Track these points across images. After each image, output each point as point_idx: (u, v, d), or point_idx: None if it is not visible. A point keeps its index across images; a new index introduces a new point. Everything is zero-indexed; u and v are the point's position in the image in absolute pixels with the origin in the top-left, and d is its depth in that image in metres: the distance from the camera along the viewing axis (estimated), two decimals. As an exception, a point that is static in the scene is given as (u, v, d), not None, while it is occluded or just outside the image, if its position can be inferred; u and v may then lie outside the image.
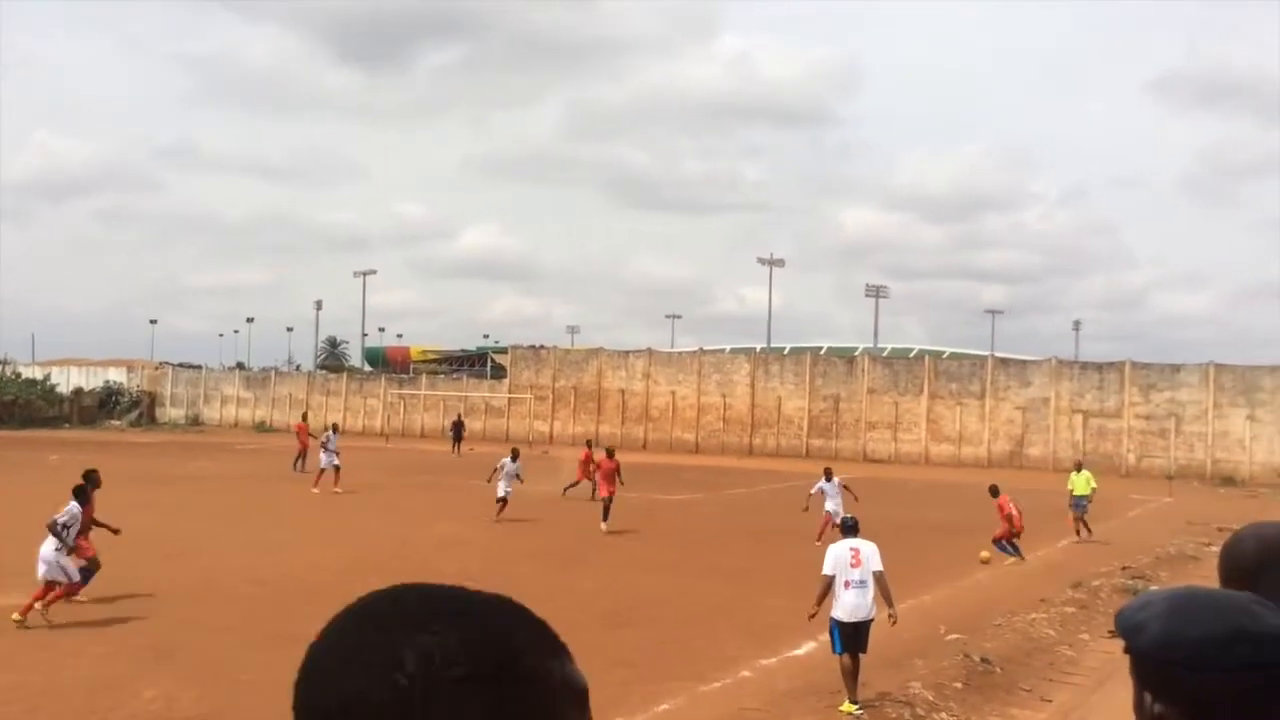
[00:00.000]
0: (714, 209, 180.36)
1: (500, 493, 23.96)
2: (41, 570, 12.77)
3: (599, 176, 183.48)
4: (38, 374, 74.62)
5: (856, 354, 62.57)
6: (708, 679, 11.10)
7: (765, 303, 75.79)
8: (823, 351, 64.14)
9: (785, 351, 65.93)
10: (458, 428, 54.06)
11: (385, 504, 27.20)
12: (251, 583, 15.93)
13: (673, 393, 59.72)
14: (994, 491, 20.48)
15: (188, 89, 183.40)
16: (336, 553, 18.85)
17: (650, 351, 63.01)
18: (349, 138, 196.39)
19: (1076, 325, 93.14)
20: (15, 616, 12.47)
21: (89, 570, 13.68)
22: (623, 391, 61.00)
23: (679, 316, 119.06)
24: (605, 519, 22.50)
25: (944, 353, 62.44)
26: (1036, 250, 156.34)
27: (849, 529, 10.83)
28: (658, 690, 10.60)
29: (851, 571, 10.22)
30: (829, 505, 21.51)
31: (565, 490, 28.28)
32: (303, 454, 35.49)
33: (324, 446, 29.71)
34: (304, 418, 41.41)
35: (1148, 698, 1.50)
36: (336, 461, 28.90)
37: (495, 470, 24.66)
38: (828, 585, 10.31)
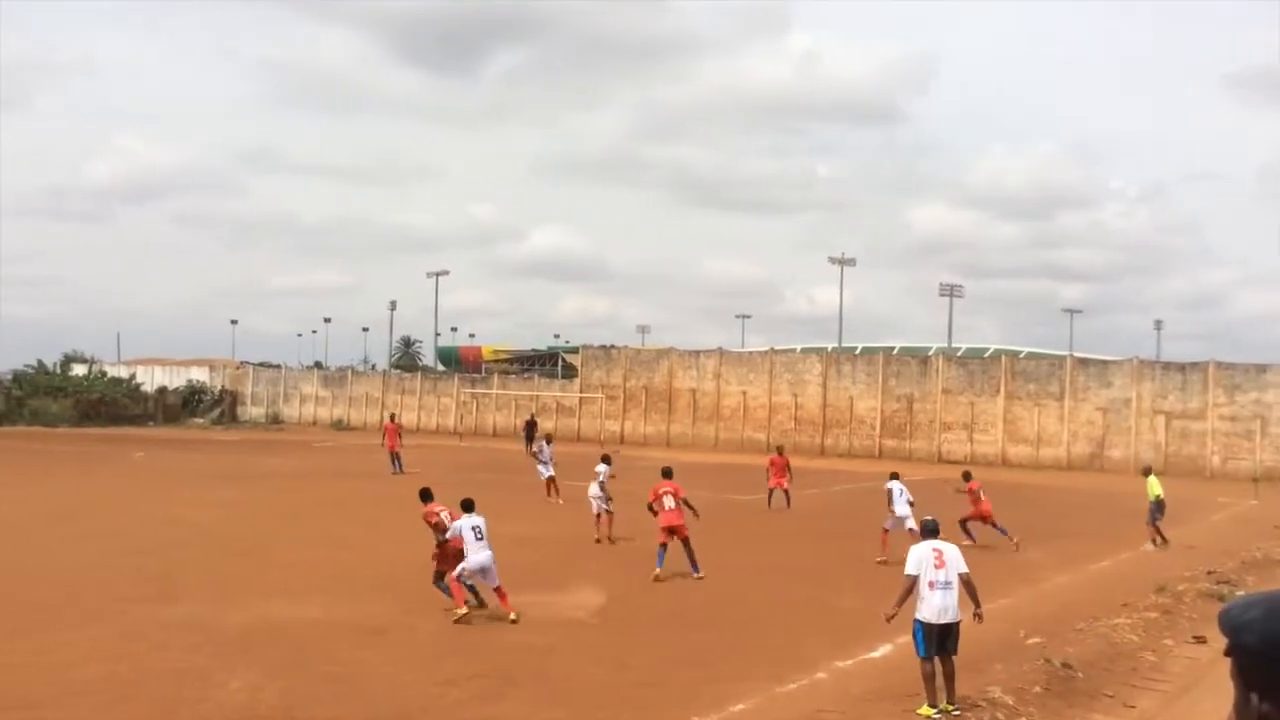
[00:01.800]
0: (784, 208, 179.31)
1: (598, 509, 21.26)
2: None
3: (668, 176, 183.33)
4: (123, 373, 76.71)
5: (930, 353, 61.84)
6: (783, 680, 11.05)
7: (836, 302, 75.32)
8: (895, 351, 63.48)
9: (857, 351, 65.38)
10: (530, 427, 54.47)
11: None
12: (330, 578, 16.22)
13: (744, 392, 59.53)
14: (966, 476, 22.44)
15: (266, 93, 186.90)
16: (411, 549, 19.14)
17: (721, 351, 62.88)
18: (422, 140, 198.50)
19: (1158, 325, 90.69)
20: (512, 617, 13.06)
21: None
22: (694, 391, 60.95)
23: (749, 316, 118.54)
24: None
25: (1021, 352, 61.43)
26: (1115, 248, 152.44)
27: (930, 531, 10.69)
28: (731, 690, 10.58)
29: (936, 573, 10.07)
30: (898, 510, 20.42)
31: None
32: (395, 456, 35.63)
33: (537, 457, 29.56)
34: (392, 418, 41.86)
35: (1254, 698, 1.48)
36: (551, 471, 28.57)
37: (596, 476, 22.09)
38: (910, 586, 10.16)
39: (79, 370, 74.70)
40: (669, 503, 17.05)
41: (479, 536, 13.40)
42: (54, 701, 9.53)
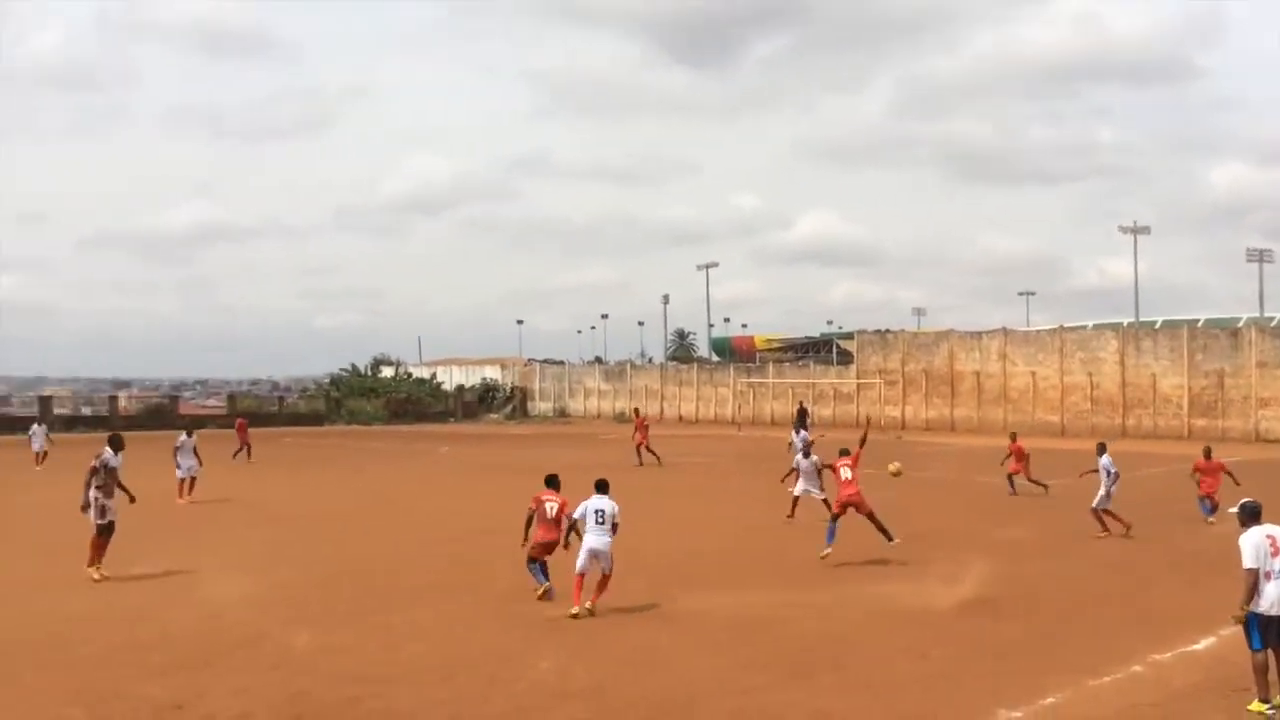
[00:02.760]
0: (1064, 177, 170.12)
1: (797, 492, 21.31)
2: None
3: (937, 153, 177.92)
4: (425, 373, 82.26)
5: (1240, 325, 56.89)
6: (1096, 673, 10.50)
7: (1130, 274, 71.01)
8: (1200, 324, 58.80)
9: (1157, 325, 61.06)
10: (802, 414, 54.22)
11: (741, 491, 27.74)
12: (627, 565, 16.78)
13: (1032, 373, 56.88)
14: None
15: (534, 102, 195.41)
16: (709, 539, 19.53)
17: (1005, 331, 60.31)
18: (684, 135, 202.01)
19: None
20: (574, 611, 12.87)
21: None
22: (977, 373, 58.82)
23: (1033, 293, 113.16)
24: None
25: (1349, 319, 55.54)
26: None
27: (1255, 515, 9.66)
28: (1041, 682, 10.16)
29: (1272, 561, 9.10)
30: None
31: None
32: (641, 446, 36.11)
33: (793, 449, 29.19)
34: (636, 412, 42.89)
35: None
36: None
37: (792, 471, 22.23)
38: (1255, 581, 9.09)
39: (387, 372, 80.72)
40: (845, 473, 16.98)
41: (599, 521, 13.25)
42: (385, 679, 10.36)
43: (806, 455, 21.86)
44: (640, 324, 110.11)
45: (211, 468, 27.73)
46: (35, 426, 38.27)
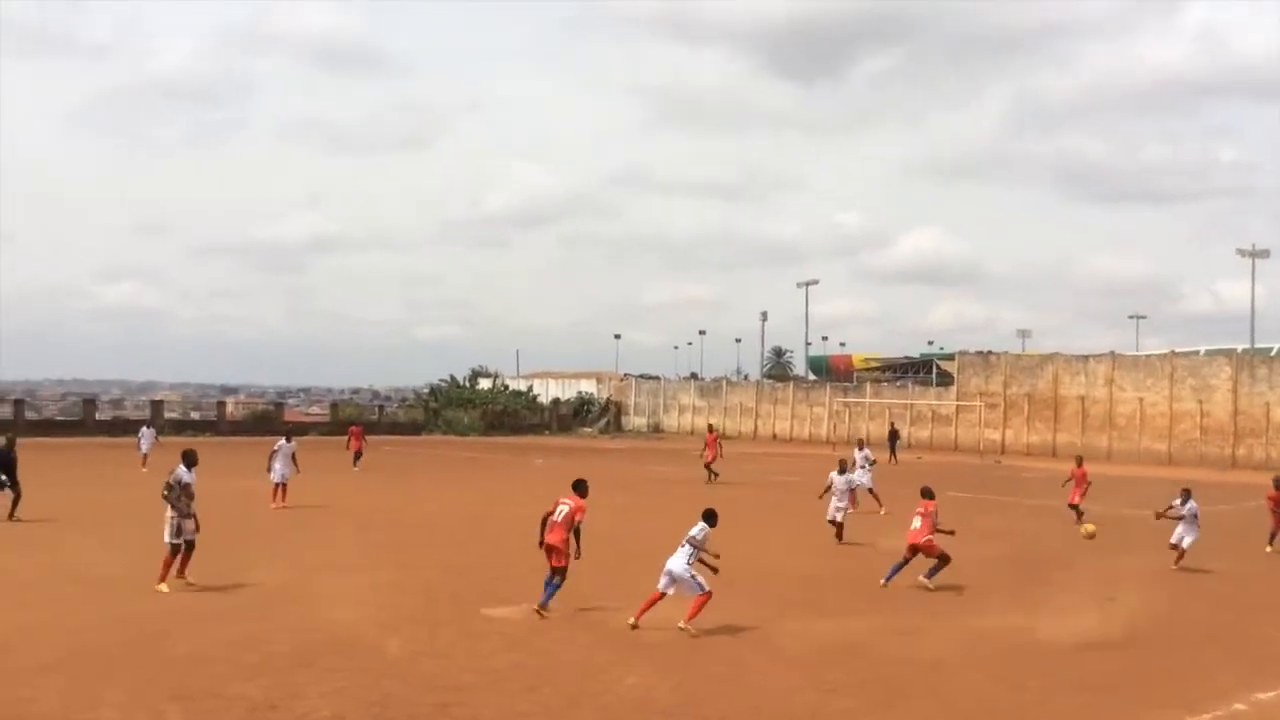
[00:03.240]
0: (1180, 197, 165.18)
1: (832, 516, 21.67)
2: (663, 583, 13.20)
3: (1047, 171, 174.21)
4: (522, 386, 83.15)
5: (1364, 353, 54.49)
6: (1195, 710, 10.14)
7: (1247, 298, 68.20)
8: (1321, 351, 56.48)
9: (1273, 352, 58.78)
10: (894, 436, 53.39)
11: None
12: (719, 584, 16.72)
13: (1140, 399, 55.25)
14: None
15: (640, 117, 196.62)
16: (800, 560, 19.36)
17: (1113, 355, 58.69)
18: (787, 151, 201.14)
19: None
20: (630, 622, 13.03)
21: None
22: (1082, 398, 57.34)
23: (1144, 317, 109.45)
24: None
25: None
26: None
27: None
28: (1139, 717, 9.84)
29: None
30: (1179, 530, 19.08)
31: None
32: (709, 463, 35.85)
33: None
34: (710, 428, 42.61)
35: None
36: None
37: (826, 488, 22.44)
38: None
39: (484, 384, 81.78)
40: (915, 523, 16.45)
41: (683, 544, 13.27)
42: (473, 687, 10.46)
43: (842, 472, 22.02)
44: (738, 341, 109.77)
45: (310, 473, 28.32)
46: (145, 429, 39.68)
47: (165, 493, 15.06)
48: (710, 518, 13.64)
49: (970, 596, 15.88)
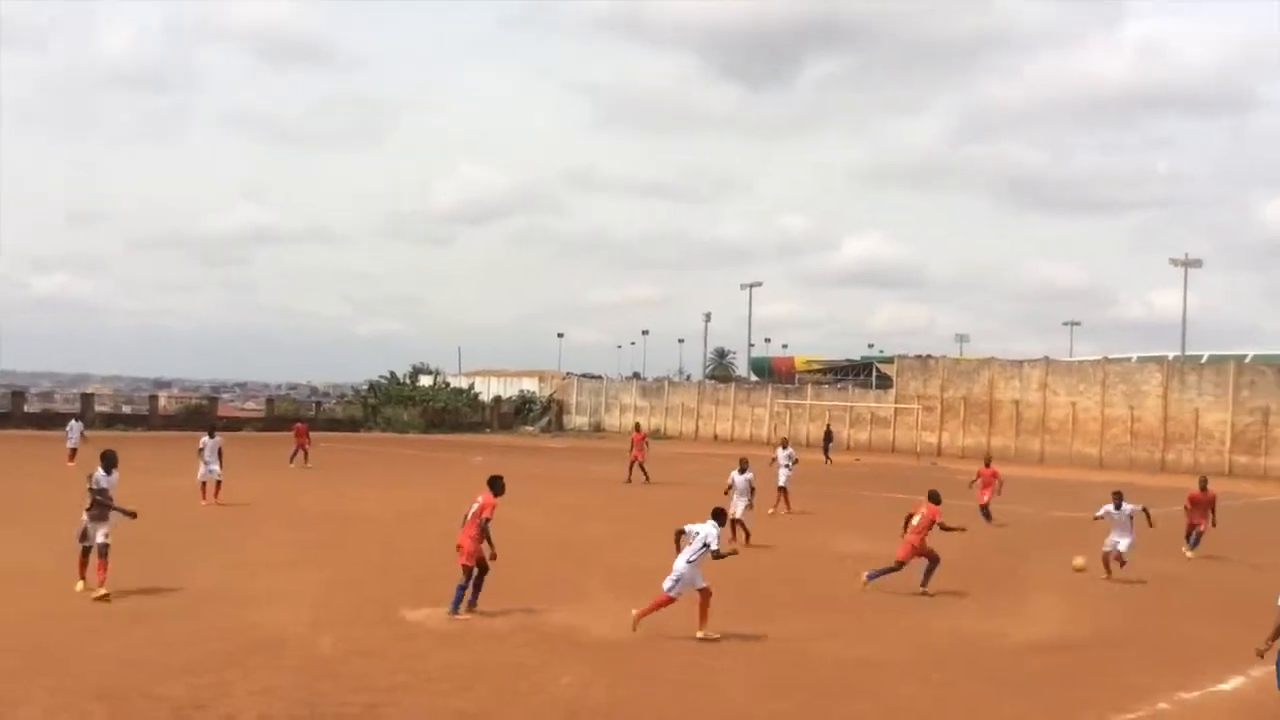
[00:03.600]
0: (1116, 207, 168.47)
1: (733, 514, 20.65)
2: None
3: (989, 179, 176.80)
4: (463, 383, 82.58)
5: (1290, 362, 55.97)
6: (1120, 710, 10.34)
7: (1178, 307, 69.69)
8: (1248, 359, 57.89)
9: (1203, 360, 60.19)
10: (828, 437, 53.79)
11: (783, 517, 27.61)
12: (652, 583, 16.74)
13: (1073, 404, 56.28)
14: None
15: (588, 117, 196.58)
16: (746, 565, 19.42)
17: (1047, 360, 59.73)
18: (733, 153, 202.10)
19: None
20: (634, 612, 12.87)
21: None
22: (1017, 402, 58.27)
23: (1078, 323, 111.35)
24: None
25: (1402, 360, 54.46)
26: None
27: None
28: (1064, 717, 10.02)
29: None
30: (1113, 539, 18.38)
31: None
32: (633, 463, 35.51)
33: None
34: (637, 427, 42.61)
35: None
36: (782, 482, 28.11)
37: (728, 488, 21.91)
38: None
39: (425, 381, 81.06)
40: (915, 520, 16.44)
41: (690, 545, 13.05)
42: (405, 687, 10.37)
43: (743, 471, 21.65)
44: (681, 341, 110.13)
45: (245, 471, 27.90)
46: (73, 423, 38.79)
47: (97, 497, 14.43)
48: (719, 516, 13.43)
49: (907, 599, 16.05)
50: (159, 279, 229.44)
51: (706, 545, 12.88)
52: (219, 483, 25.47)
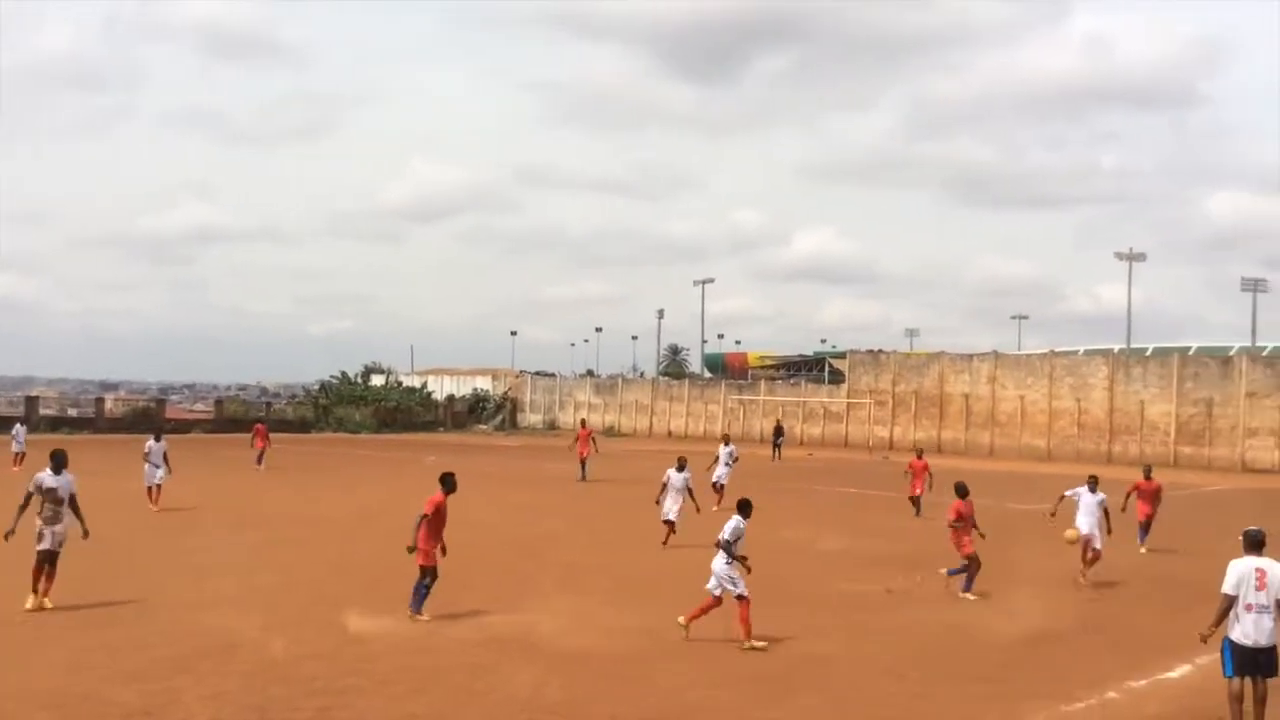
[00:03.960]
0: (1064, 202, 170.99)
1: (667, 514, 20.89)
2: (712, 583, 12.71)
3: (939, 174, 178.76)
4: (416, 382, 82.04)
5: (1232, 354, 57.14)
6: (1071, 699, 10.49)
7: (1124, 301, 70.84)
8: (1191, 351, 59.02)
9: (1148, 352, 61.28)
10: (778, 432, 54.09)
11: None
12: (610, 579, 16.75)
13: (1021, 397, 57.01)
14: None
15: (540, 113, 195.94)
16: (671, 554, 19.49)
17: (996, 354, 60.49)
18: (685, 150, 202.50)
19: None
20: (680, 621, 12.68)
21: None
22: (966, 396, 58.93)
23: (1026, 317, 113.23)
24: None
25: (1339, 351, 55.78)
26: None
27: (1255, 544, 9.37)
28: (1016, 708, 10.16)
29: (1256, 594, 9.06)
30: (1082, 523, 18.05)
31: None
32: (583, 459, 35.30)
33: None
34: (583, 423, 42.56)
35: None
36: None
37: (662, 487, 21.56)
38: (1228, 605, 9.16)
39: (377, 380, 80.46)
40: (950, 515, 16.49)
41: (719, 542, 12.87)
42: (359, 690, 10.27)
43: (681, 469, 21.35)
44: (634, 338, 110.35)
45: (196, 472, 27.53)
46: (17, 426, 38.01)
47: (25, 501, 13.85)
48: (745, 508, 13.02)
49: (862, 592, 16.18)
50: (102, 279, 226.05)
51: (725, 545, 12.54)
52: (159, 486, 25.01)
